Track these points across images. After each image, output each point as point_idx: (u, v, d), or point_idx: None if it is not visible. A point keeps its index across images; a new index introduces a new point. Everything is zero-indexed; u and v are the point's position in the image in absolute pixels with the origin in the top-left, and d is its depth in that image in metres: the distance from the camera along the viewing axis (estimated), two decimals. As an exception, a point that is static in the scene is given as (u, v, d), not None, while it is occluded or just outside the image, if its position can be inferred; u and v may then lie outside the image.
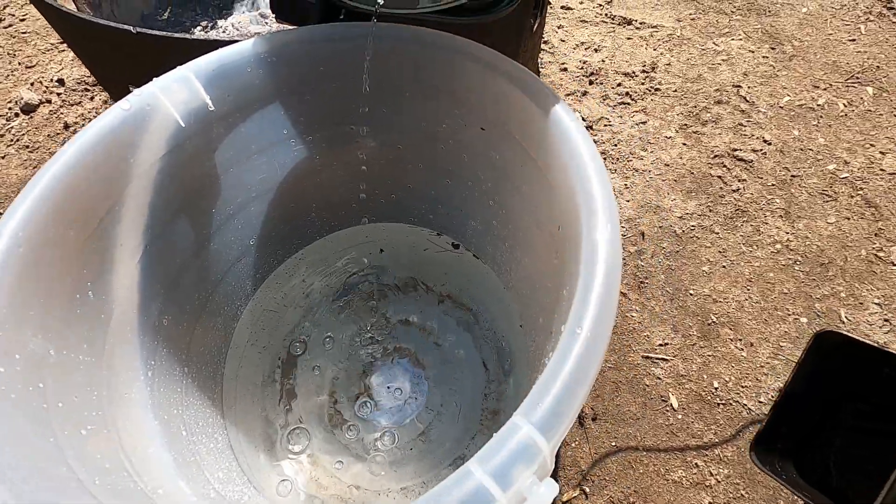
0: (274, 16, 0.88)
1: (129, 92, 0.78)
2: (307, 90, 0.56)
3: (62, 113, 1.12)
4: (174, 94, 0.49)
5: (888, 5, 1.18)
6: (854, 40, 1.13)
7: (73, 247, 0.43)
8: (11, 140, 1.08)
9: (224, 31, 1.12)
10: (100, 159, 0.45)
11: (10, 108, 1.13)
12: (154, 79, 0.49)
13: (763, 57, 1.10)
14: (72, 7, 0.71)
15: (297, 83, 0.55)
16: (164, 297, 0.54)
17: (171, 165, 0.51)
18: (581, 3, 1.23)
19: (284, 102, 0.56)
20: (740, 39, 1.13)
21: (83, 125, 1.11)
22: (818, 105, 1.02)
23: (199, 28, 1.13)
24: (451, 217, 0.69)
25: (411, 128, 0.58)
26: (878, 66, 1.09)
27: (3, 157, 1.06)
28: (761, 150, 0.97)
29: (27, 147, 1.07)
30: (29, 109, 1.12)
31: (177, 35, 0.57)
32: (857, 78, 1.07)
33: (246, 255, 0.65)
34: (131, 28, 0.59)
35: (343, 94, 0.56)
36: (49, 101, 1.14)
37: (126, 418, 0.43)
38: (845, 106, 1.03)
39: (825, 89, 1.05)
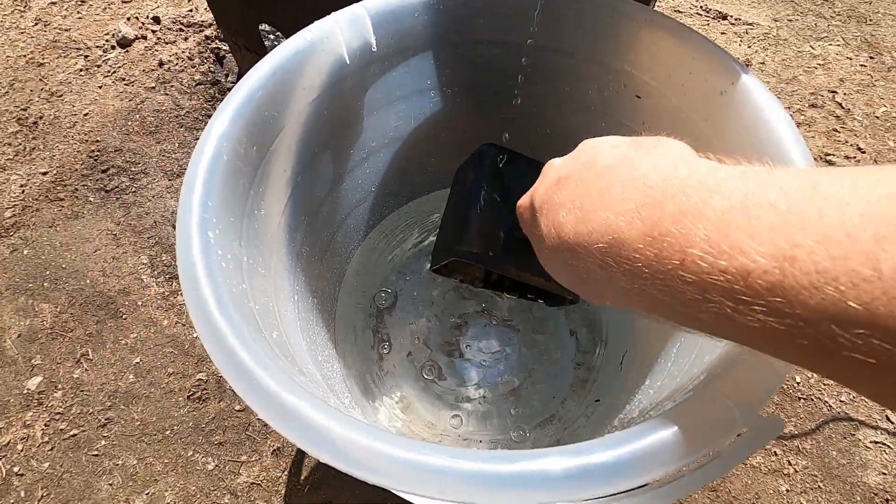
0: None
1: (261, 32, 0.79)
2: (461, 43, 0.57)
3: (157, 50, 1.14)
4: (346, 30, 0.50)
5: None
6: (953, 58, 1.11)
7: (253, 165, 0.45)
8: (108, 71, 1.10)
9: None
10: (280, 83, 0.46)
11: (106, 41, 1.15)
12: (333, 13, 0.50)
13: (861, 65, 1.09)
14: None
15: (454, 34, 0.56)
16: (305, 227, 0.56)
17: (329, 99, 0.52)
18: (676, -8, 1.22)
19: (436, 52, 0.57)
20: (838, 45, 1.11)
21: (177, 64, 1.12)
22: (915, 119, 1.02)
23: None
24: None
25: (560, 95, 0.59)
26: (976, 87, 1.07)
27: (100, 87, 1.08)
28: (855, 157, 0.97)
29: (123, 80, 1.09)
30: (125, 44, 1.14)
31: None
32: (954, 96, 1.06)
33: (366, 199, 0.67)
34: (289, -36, 0.60)
35: (496, 52, 0.57)
36: (144, 38, 1.16)
37: (288, 332, 0.45)
38: (940, 123, 1.02)
39: (923, 104, 1.04)
